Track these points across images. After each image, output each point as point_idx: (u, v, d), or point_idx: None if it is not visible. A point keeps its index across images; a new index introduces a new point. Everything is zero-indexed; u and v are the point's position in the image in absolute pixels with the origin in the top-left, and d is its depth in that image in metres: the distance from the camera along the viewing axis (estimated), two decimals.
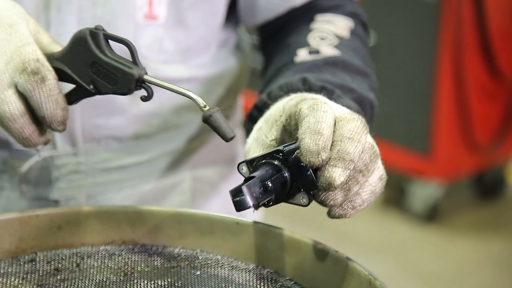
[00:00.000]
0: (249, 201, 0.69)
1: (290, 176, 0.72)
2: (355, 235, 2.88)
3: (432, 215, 2.95)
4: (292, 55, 0.94)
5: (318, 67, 0.91)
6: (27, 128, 0.79)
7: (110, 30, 0.93)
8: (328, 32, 0.96)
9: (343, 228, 2.92)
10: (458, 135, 2.87)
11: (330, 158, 0.71)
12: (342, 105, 0.83)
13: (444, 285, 2.62)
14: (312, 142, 0.70)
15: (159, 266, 0.79)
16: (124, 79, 0.76)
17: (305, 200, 0.72)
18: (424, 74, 2.81)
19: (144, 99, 0.77)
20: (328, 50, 0.93)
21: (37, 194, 0.99)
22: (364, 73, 0.94)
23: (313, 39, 0.95)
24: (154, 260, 0.79)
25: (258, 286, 0.76)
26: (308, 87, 0.85)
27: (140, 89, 0.77)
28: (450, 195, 3.00)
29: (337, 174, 0.70)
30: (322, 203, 0.72)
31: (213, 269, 0.78)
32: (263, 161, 0.73)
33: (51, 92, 0.78)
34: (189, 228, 0.81)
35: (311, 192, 0.73)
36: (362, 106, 0.89)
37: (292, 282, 0.76)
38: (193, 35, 0.99)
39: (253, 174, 0.71)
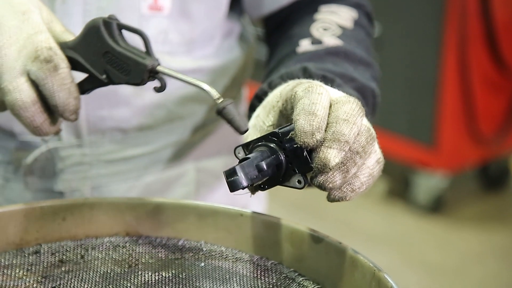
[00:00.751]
0: (243, 181, 0.69)
1: (285, 158, 0.72)
2: (359, 227, 2.88)
3: (437, 207, 2.95)
4: (294, 45, 0.94)
5: (320, 57, 0.91)
6: (39, 116, 0.78)
7: None
8: (331, 23, 0.96)
9: (347, 219, 2.92)
10: (462, 127, 2.86)
11: (325, 140, 0.71)
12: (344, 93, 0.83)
13: (448, 276, 2.62)
14: (306, 123, 0.70)
15: (163, 258, 0.79)
16: (137, 69, 0.76)
17: (300, 183, 0.72)
18: (428, 65, 2.80)
19: (158, 89, 0.76)
20: (331, 40, 0.93)
21: (42, 186, 0.99)
22: (366, 62, 0.94)
23: (316, 30, 0.95)
24: (158, 251, 0.80)
25: (262, 277, 0.76)
26: (308, 76, 0.85)
27: (154, 79, 0.76)
28: (454, 186, 2.99)
29: (332, 155, 0.70)
30: (321, 186, 0.72)
31: (217, 261, 0.78)
32: (259, 143, 0.73)
33: (63, 81, 0.77)
34: (193, 220, 0.81)
35: (308, 176, 0.72)
36: (364, 95, 0.89)
37: (296, 274, 0.76)
38: (198, 27, 0.99)
39: (248, 156, 0.71)
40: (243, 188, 0.70)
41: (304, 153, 0.71)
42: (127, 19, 0.94)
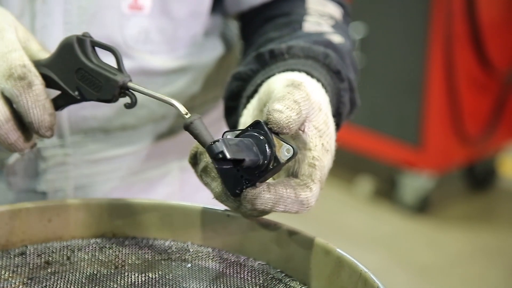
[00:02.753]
0: (226, 151, 0.68)
1: (270, 149, 0.71)
2: (346, 227, 2.89)
3: (423, 207, 2.96)
4: (298, 22, 0.94)
5: (334, 48, 0.90)
6: (12, 134, 0.79)
7: (96, 21, 0.94)
8: (324, 13, 0.97)
9: (334, 219, 2.93)
10: (448, 127, 2.88)
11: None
12: (340, 101, 0.84)
13: (435, 276, 2.63)
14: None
15: (150, 259, 0.79)
16: (108, 85, 0.77)
17: (289, 151, 0.71)
18: (414, 66, 2.81)
19: (128, 106, 0.77)
20: (329, 29, 0.94)
21: (24, 186, 0.99)
22: (356, 70, 0.95)
23: (313, 15, 0.96)
24: (145, 252, 0.79)
25: (249, 278, 0.76)
26: (328, 63, 0.86)
27: (125, 96, 0.77)
28: (441, 186, 3.01)
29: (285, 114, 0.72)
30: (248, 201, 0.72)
31: (204, 262, 0.78)
32: (247, 133, 0.73)
33: (38, 98, 0.78)
34: (179, 221, 0.81)
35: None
36: (351, 110, 0.90)
37: (283, 274, 0.76)
38: (179, 26, 0.99)
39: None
40: (222, 157, 0.68)
41: (268, 134, 0.71)
42: (107, 18, 0.94)
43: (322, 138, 0.76)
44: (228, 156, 0.68)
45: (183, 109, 0.74)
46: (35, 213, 0.80)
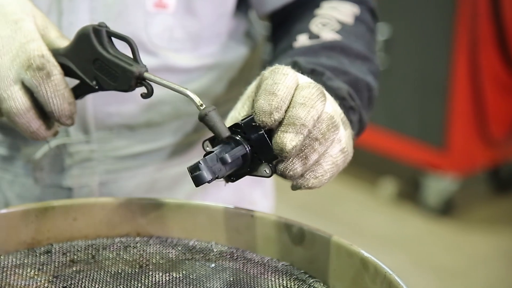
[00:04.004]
0: (206, 175, 0.70)
1: (250, 149, 0.72)
2: (369, 229, 2.88)
3: (447, 209, 2.94)
4: (291, 40, 0.95)
5: (314, 51, 0.91)
6: (34, 123, 0.81)
7: (121, 19, 0.94)
8: (331, 18, 0.96)
9: (357, 221, 2.92)
10: (473, 129, 2.85)
11: (281, 124, 0.71)
12: (333, 87, 0.83)
13: (457, 279, 2.62)
14: (265, 102, 0.71)
15: (173, 259, 0.79)
16: (125, 76, 0.77)
17: (267, 171, 0.73)
18: (439, 67, 2.80)
19: (144, 96, 0.78)
20: (329, 35, 0.94)
21: (50, 181, 0.99)
22: (364, 57, 0.94)
23: (315, 25, 0.96)
24: (169, 252, 0.80)
25: (273, 279, 0.76)
26: (297, 70, 0.85)
27: (141, 86, 0.78)
28: (464, 189, 2.98)
29: (288, 138, 0.71)
30: (282, 175, 0.72)
31: (227, 262, 0.78)
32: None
33: (57, 87, 0.79)
34: (203, 221, 0.81)
35: (273, 163, 0.73)
36: (357, 89, 0.89)
37: (307, 275, 0.76)
38: (203, 24, 0.99)
39: (212, 150, 0.72)
40: (209, 182, 0.71)
41: (267, 141, 0.72)
42: (132, 16, 0.95)
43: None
44: (208, 179, 0.71)
45: (198, 100, 0.74)
46: (61, 211, 0.81)
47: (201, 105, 0.74)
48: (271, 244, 0.79)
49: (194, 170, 0.70)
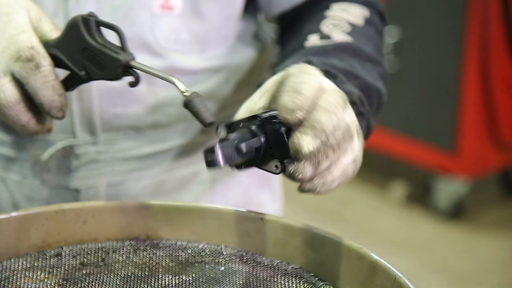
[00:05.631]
0: (221, 160, 0.69)
1: (265, 142, 0.72)
2: (379, 232, 2.87)
3: (457, 212, 2.93)
4: (302, 40, 0.95)
5: (327, 52, 0.91)
6: (24, 115, 0.81)
7: (127, 20, 0.95)
8: (341, 20, 0.96)
9: (368, 224, 2.91)
10: (484, 132, 2.84)
11: (301, 125, 0.71)
12: (345, 90, 0.83)
13: (468, 282, 2.61)
14: (290, 100, 0.71)
15: (183, 261, 0.79)
16: (112, 64, 0.77)
17: (277, 168, 0.72)
18: (450, 70, 2.79)
19: (132, 85, 0.78)
20: (340, 36, 0.93)
21: (58, 183, 1.00)
22: (374, 60, 0.94)
23: (325, 26, 0.95)
24: (178, 255, 0.80)
25: (283, 282, 0.76)
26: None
27: (129, 75, 0.78)
28: (475, 192, 2.97)
29: (306, 141, 0.71)
30: (291, 176, 0.72)
31: (237, 265, 0.78)
32: (241, 125, 0.73)
33: (46, 78, 0.79)
34: (213, 224, 0.81)
35: (285, 161, 0.72)
36: (368, 94, 0.89)
37: (317, 279, 0.76)
38: (210, 26, 0.99)
39: (228, 137, 0.71)
40: (220, 168, 0.70)
41: (284, 138, 0.72)
42: (139, 18, 0.95)
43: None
44: (222, 165, 0.69)
45: (182, 87, 0.74)
46: (71, 214, 0.81)
47: (186, 91, 0.74)
48: (281, 247, 0.78)
49: (209, 154, 0.69)
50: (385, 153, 3.05)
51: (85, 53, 0.79)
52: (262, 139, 0.72)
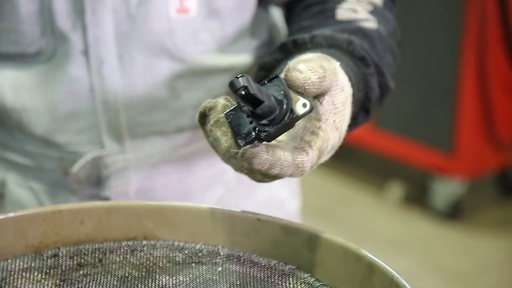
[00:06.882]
0: (248, 85, 0.65)
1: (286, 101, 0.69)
2: (377, 232, 2.87)
3: (455, 213, 2.94)
4: (332, 10, 0.95)
5: (370, 38, 0.91)
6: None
7: (146, 28, 0.95)
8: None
9: (365, 224, 2.91)
10: (481, 132, 2.85)
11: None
12: (369, 85, 0.84)
13: (466, 283, 2.61)
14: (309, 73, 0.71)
15: (180, 262, 0.79)
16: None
17: (306, 105, 0.70)
18: (446, 71, 2.79)
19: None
20: (364, 14, 0.94)
21: (88, 192, 1.00)
22: (395, 55, 0.95)
23: (348, 2, 0.96)
24: (175, 256, 0.80)
25: (280, 282, 0.76)
26: (351, 50, 0.86)
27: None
28: (473, 192, 2.98)
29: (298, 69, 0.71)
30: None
31: (234, 266, 0.78)
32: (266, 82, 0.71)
33: None
34: (210, 224, 0.81)
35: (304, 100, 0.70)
36: (383, 94, 0.90)
37: (314, 279, 0.76)
38: (227, 23, 0.99)
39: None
40: (245, 95, 0.65)
41: (285, 86, 0.70)
42: (157, 24, 0.95)
43: (336, 115, 0.75)
44: (251, 90, 0.65)
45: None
46: (68, 215, 0.81)
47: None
48: (278, 247, 0.79)
49: (237, 78, 0.65)
50: (382, 153, 3.05)
51: None
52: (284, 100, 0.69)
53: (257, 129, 0.69)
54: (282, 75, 0.72)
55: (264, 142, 0.71)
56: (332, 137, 0.75)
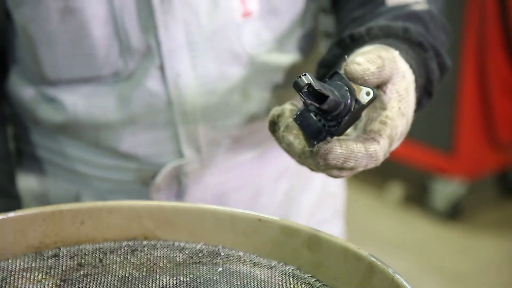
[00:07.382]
0: (312, 82, 0.66)
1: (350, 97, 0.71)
2: (376, 233, 2.87)
3: (455, 213, 2.94)
4: None
5: (423, 21, 0.91)
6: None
7: (217, 36, 0.96)
8: None
9: (365, 225, 2.91)
10: (481, 133, 2.85)
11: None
12: (429, 68, 0.86)
13: (466, 283, 2.61)
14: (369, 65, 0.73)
15: (181, 262, 0.79)
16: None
17: (369, 94, 0.71)
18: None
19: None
20: None
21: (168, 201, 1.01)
22: (447, 31, 0.96)
23: None
24: (176, 256, 0.80)
25: (280, 283, 0.76)
26: (408, 37, 0.86)
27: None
28: (473, 192, 2.98)
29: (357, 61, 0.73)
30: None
31: (235, 266, 0.78)
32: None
33: None
34: (211, 224, 0.81)
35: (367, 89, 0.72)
36: (442, 72, 0.91)
37: (314, 279, 0.76)
38: (284, 19, 1.00)
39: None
40: (310, 91, 0.67)
41: (347, 81, 0.71)
42: (226, 31, 0.96)
43: (400, 102, 0.77)
44: (315, 86, 0.67)
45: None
46: (68, 215, 0.81)
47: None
48: (278, 248, 0.79)
49: (300, 77, 0.67)
50: None
51: None
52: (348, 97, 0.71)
53: (326, 125, 0.71)
54: (341, 71, 0.73)
55: (335, 137, 0.73)
56: (400, 124, 0.77)
